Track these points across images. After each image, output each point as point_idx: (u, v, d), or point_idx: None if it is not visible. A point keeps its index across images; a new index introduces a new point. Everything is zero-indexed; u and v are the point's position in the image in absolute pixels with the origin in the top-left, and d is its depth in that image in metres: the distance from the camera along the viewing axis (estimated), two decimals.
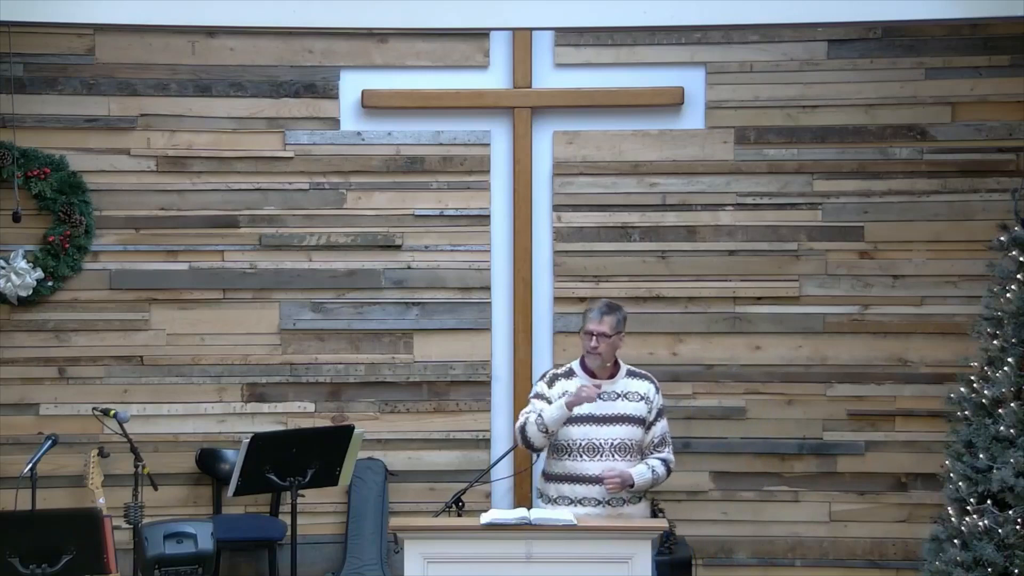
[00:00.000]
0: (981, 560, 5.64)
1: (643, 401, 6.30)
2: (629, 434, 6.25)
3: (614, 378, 6.32)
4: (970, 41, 7.50)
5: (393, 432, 7.66)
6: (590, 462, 6.22)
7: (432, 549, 5.85)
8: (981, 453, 5.78)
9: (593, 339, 6.26)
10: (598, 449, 6.23)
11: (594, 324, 6.26)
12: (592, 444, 6.23)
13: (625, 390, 6.30)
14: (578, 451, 6.24)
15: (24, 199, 7.39)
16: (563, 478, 6.27)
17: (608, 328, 6.25)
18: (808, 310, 7.59)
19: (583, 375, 6.33)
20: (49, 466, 7.18)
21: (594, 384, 6.21)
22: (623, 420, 6.25)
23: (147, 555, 6.57)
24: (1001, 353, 5.86)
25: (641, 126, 7.64)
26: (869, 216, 7.58)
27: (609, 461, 6.20)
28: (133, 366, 7.60)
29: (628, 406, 6.27)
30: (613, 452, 6.23)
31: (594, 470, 6.21)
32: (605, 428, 6.24)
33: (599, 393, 6.19)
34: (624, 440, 6.24)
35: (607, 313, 6.29)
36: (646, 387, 6.34)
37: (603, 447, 6.23)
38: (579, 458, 6.24)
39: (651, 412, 6.31)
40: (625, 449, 6.24)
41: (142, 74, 7.58)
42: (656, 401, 6.34)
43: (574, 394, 6.16)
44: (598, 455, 6.22)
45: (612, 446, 6.23)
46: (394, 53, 7.64)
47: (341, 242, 7.65)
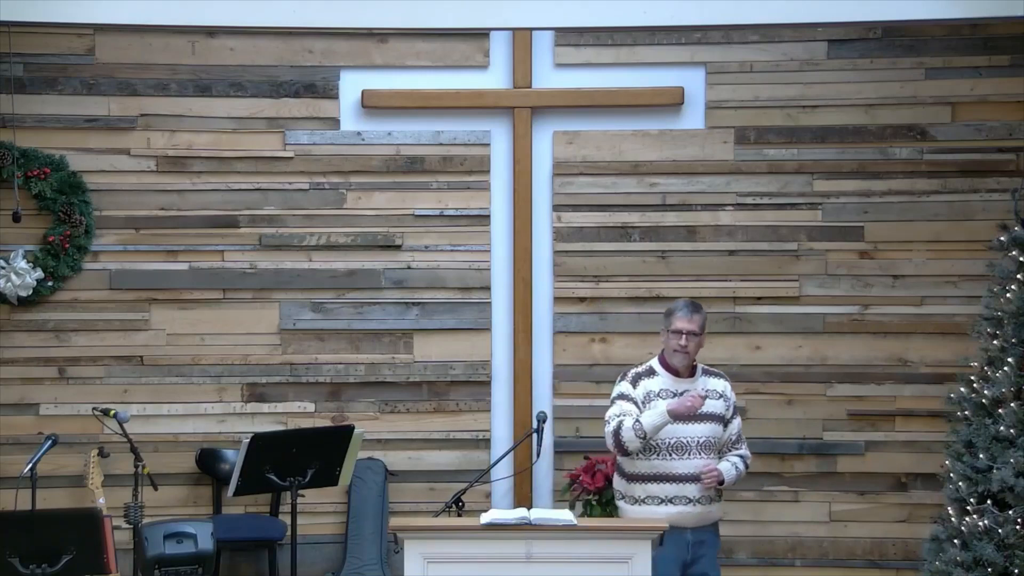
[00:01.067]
0: (981, 560, 5.64)
1: (722, 399, 6.33)
2: (713, 432, 6.26)
3: (694, 376, 6.34)
4: (970, 41, 7.50)
5: (393, 432, 7.67)
6: (679, 461, 6.21)
7: (432, 549, 5.85)
8: (981, 453, 5.78)
9: (683, 337, 6.25)
10: (685, 447, 6.21)
11: (684, 322, 6.27)
12: (680, 443, 6.21)
13: (705, 388, 6.30)
14: (666, 450, 6.21)
15: (24, 199, 7.39)
16: (651, 478, 6.25)
17: (697, 326, 6.28)
18: (808, 310, 7.59)
19: (665, 374, 6.32)
20: (49, 466, 7.18)
21: (698, 394, 6.17)
22: (707, 418, 6.24)
23: (147, 555, 6.57)
24: (1001, 353, 5.86)
25: (641, 126, 7.65)
26: (869, 216, 7.58)
27: (697, 460, 6.21)
28: (133, 366, 7.60)
29: (711, 404, 6.26)
30: (700, 450, 6.23)
31: (682, 469, 6.21)
32: (691, 426, 6.21)
33: (702, 402, 6.18)
34: (709, 438, 6.24)
35: (696, 311, 6.31)
36: (723, 385, 6.37)
37: (690, 445, 6.21)
38: (668, 457, 6.21)
39: (729, 409, 6.34)
40: (710, 447, 6.25)
41: (142, 74, 7.58)
42: (732, 397, 6.38)
43: (678, 403, 6.15)
44: (686, 454, 6.21)
45: (699, 444, 6.22)
46: (394, 53, 7.64)
47: (341, 242, 7.65)
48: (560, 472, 7.54)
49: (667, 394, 6.26)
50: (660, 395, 6.27)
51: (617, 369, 7.58)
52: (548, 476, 7.60)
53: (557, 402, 7.64)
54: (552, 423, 7.54)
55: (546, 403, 7.57)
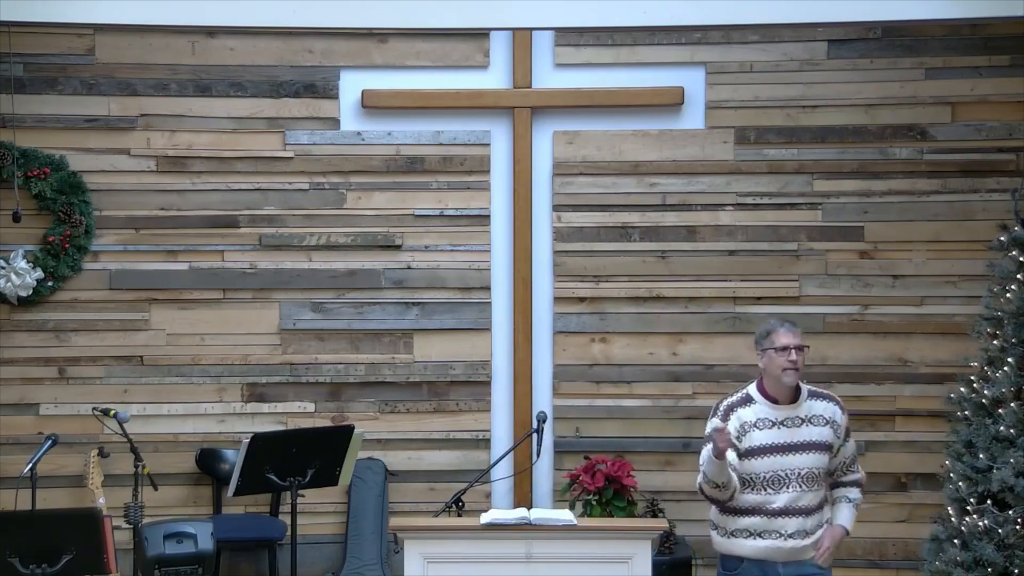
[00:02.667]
0: (981, 560, 5.63)
1: (828, 425, 5.81)
2: (816, 462, 5.75)
3: (796, 402, 5.82)
4: (970, 41, 7.50)
5: (393, 432, 7.66)
6: (776, 495, 5.73)
7: (432, 549, 5.85)
8: (981, 453, 5.78)
9: (792, 352, 5.75)
10: (784, 481, 5.73)
11: (788, 336, 5.78)
12: (777, 476, 5.74)
13: (809, 414, 5.80)
14: (762, 484, 5.74)
15: (24, 199, 7.39)
16: (744, 511, 5.77)
17: (801, 339, 5.82)
18: (808, 310, 7.58)
19: (763, 401, 5.82)
20: (49, 466, 7.18)
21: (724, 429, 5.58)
22: (809, 448, 5.75)
23: (147, 555, 6.57)
24: (1001, 353, 5.85)
25: (641, 126, 7.65)
26: (869, 216, 7.58)
27: (796, 493, 5.72)
28: (133, 366, 7.60)
29: (813, 432, 5.77)
30: (800, 483, 5.73)
31: (778, 503, 5.72)
32: (791, 457, 5.73)
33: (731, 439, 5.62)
34: (811, 469, 5.74)
35: (795, 325, 5.87)
36: (831, 410, 5.85)
37: (789, 478, 5.73)
38: (763, 491, 5.74)
39: (838, 436, 5.82)
40: (812, 479, 5.75)
41: (142, 74, 7.58)
42: (842, 423, 5.85)
43: (714, 443, 5.56)
44: (784, 487, 5.73)
45: (799, 476, 5.73)
46: (394, 53, 7.64)
47: (341, 242, 7.65)
48: (560, 472, 7.54)
49: (764, 424, 5.77)
50: (757, 425, 5.77)
51: (617, 369, 7.62)
52: (548, 476, 7.60)
53: (557, 402, 7.64)
54: (552, 423, 7.54)
55: (546, 403, 7.57)
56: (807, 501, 5.75)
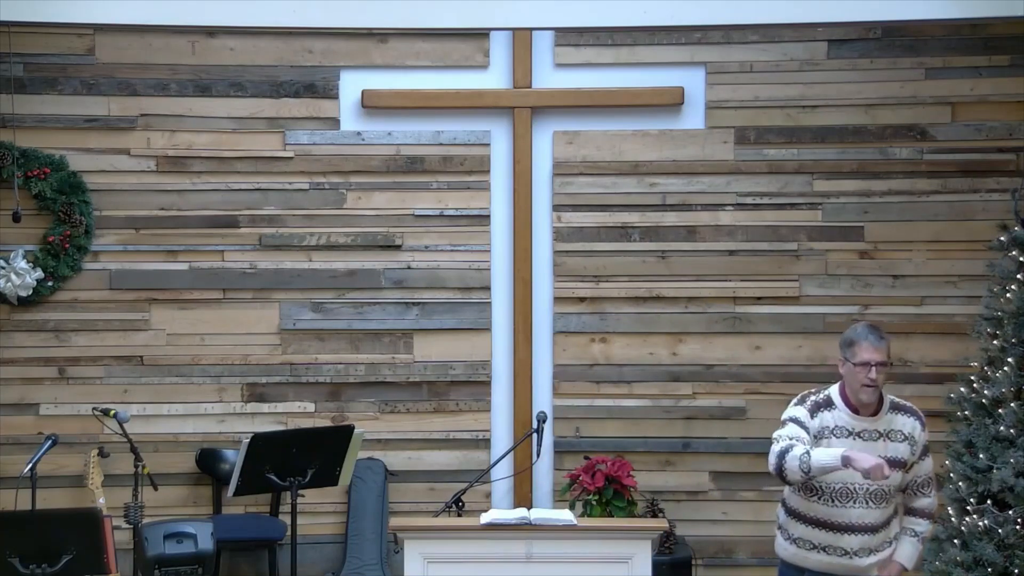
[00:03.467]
0: (981, 560, 5.62)
1: (906, 441, 5.62)
2: (889, 480, 5.54)
3: (877, 415, 5.61)
4: (970, 41, 7.50)
5: (393, 432, 7.66)
6: (842, 508, 5.58)
7: (432, 549, 5.85)
8: (981, 453, 5.77)
9: (872, 370, 5.49)
10: (852, 495, 5.58)
11: (871, 352, 5.51)
12: (847, 489, 5.58)
13: (888, 428, 5.61)
14: (830, 495, 5.59)
15: (24, 199, 7.39)
16: (809, 520, 5.65)
17: (886, 355, 5.56)
18: (808, 310, 7.58)
19: (844, 408, 5.60)
20: (49, 466, 7.18)
21: (884, 467, 5.33)
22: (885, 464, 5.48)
23: (147, 555, 6.56)
24: (1001, 353, 5.85)
25: (641, 126, 7.65)
26: (869, 216, 7.58)
27: (862, 509, 5.57)
28: (133, 366, 7.60)
29: (891, 448, 5.58)
30: (868, 499, 5.58)
31: (843, 518, 5.58)
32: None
33: (885, 477, 5.39)
34: (881, 487, 5.56)
35: (883, 337, 5.57)
36: (911, 425, 5.64)
37: (857, 493, 5.58)
38: (830, 503, 5.59)
39: (915, 453, 5.64)
40: (882, 496, 5.60)
41: (142, 74, 7.58)
42: (921, 439, 5.66)
43: (861, 459, 5.34)
44: (851, 501, 5.58)
45: (868, 493, 5.57)
46: (394, 53, 7.64)
47: (341, 242, 7.65)
48: (560, 472, 7.54)
49: (841, 432, 5.57)
50: (835, 432, 5.58)
51: (617, 369, 7.62)
52: (548, 476, 7.60)
53: (557, 402, 7.64)
54: (552, 423, 7.54)
55: (546, 403, 7.57)
56: (874, 519, 5.61)
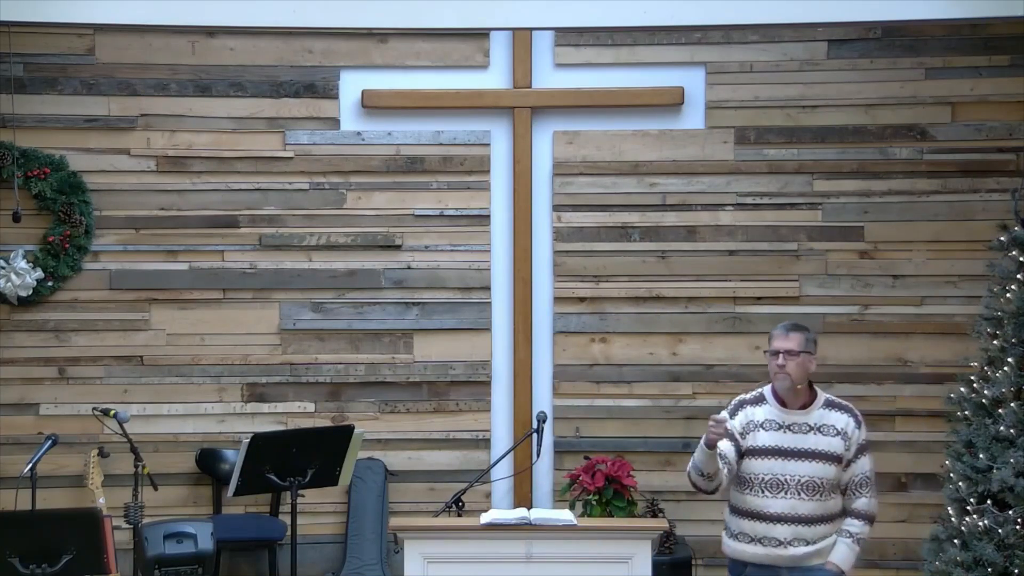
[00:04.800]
0: (981, 560, 5.63)
1: (839, 436, 5.73)
2: (819, 472, 5.70)
3: (808, 408, 5.79)
4: (970, 41, 7.50)
5: (393, 432, 7.67)
6: (772, 499, 5.71)
7: (432, 549, 5.85)
8: (981, 453, 5.78)
9: (780, 357, 5.74)
10: (782, 486, 5.71)
11: (780, 340, 5.77)
12: (776, 480, 5.72)
13: (820, 423, 5.76)
14: (760, 486, 5.74)
15: (24, 199, 7.40)
16: (744, 513, 5.79)
17: (796, 345, 5.74)
18: (808, 310, 7.58)
19: (774, 403, 5.81)
20: (49, 466, 7.18)
21: (720, 418, 5.59)
22: (813, 456, 5.71)
23: (147, 555, 6.57)
24: (1001, 353, 5.86)
25: (641, 126, 7.65)
26: (869, 216, 7.59)
27: (793, 500, 5.69)
28: (133, 366, 7.60)
29: (821, 441, 5.72)
30: (799, 490, 5.69)
31: (774, 508, 5.71)
32: (792, 463, 5.71)
33: (727, 431, 5.61)
34: (812, 478, 5.69)
35: (794, 330, 5.79)
36: (845, 421, 5.76)
37: (788, 484, 5.71)
38: (761, 494, 5.73)
39: (849, 449, 5.74)
40: (813, 488, 5.70)
41: (142, 74, 7.58)
42: (856, 437, 5.76)
43: (706, 434, 5.60)
44: (782, 492, 5.71)
45: (798, 484, 5.69)
46: (394, 53, 7.64)
47: (341, 242, 7.65)
48: (560, 472, 7.54)
49: (771, 425, 5.77)
50: (764, 426, 5.77)
51: (617, 369, 7.63)
52: (548, 476, 7.60)
53: (557, 402, 7.64)
54: (552, 423, 7.54)
55: (546, 403, 7.57)
56: (807, 510, 5.70)
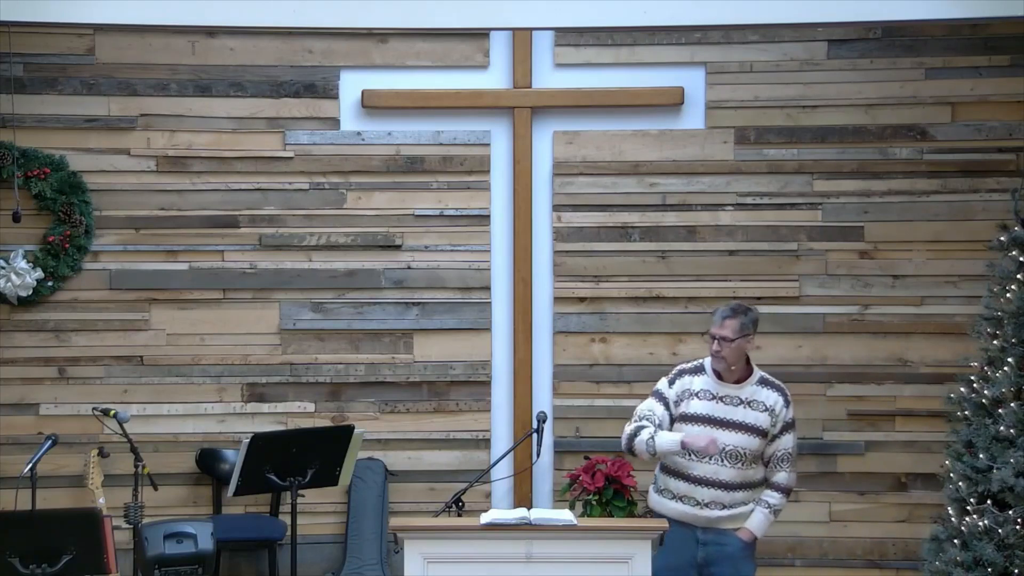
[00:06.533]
0: (981, 560, 5.64)
1: (767, 413, 6.15)
2: (744, 443, 6.12)
3: (742, 383, 6.19)
4: (970, 41, 7.50)
5: (393, 432, 7.67)
6: (697, 463, 6.12)
7: (432, 549, 5.85)
8: (981, 453, 5.79)
9: (715, 343, 6.14)
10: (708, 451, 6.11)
11: (715, 327, 6.16)
12: None
13: (751, 398, 6.17)
14: (690, 450, 6.12)
15: (24, 199, 7.39)
16: (671, 472, 6.22)
17: (730, 332, 6.11)
18: (808, 310, 7.59)
19: (711, 375, 6.22)
20: (49, 466, 7.18)
21: (715, 443, 6.03)
22: (740, 428, 6.13)
23: (147, 555, 6.57)
24: (1001, 353, 5.86)
25: (641, 126, 7.65)
26: (869, 216, 7.59)
27: (716, 466, 6.11)
28: (133, 366, 7.60)
29: (749, 415, 6.14)
30: (723, 458, 6.10)
31: (698, 471, 6.13)
32: (719, 432, 6.10)
33: (720, 449, 6.06)
34: (737, 448, 6.12)
35: (729, 316, 6.14)
36: (774, 399, 6.18)
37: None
38: (687, 457, 6.13)
39: (775, 425, 6.16)
40: (736, 457, 6.12)
41: (142, 74, 7.58)
42: (783, 415, 6.18)
43: (693, 439, 6.05)
44: (707, 457, 6.10)
45: (723, 451, 6.09)
46: (394, 53, 7.64)
47: (341, 242, 7.65)
48: (560, 472, 7.54)
49: (706, 395, 6.18)
50: (699, 395, 6.19)
51: (617, 369, 7.63)
52: (548, 476, 7.60)
53: (557, 402, 7.64)
54: (552, 423, 7.54)
55: (546, 403, 7.57)
56: (727, 476, 6.12)
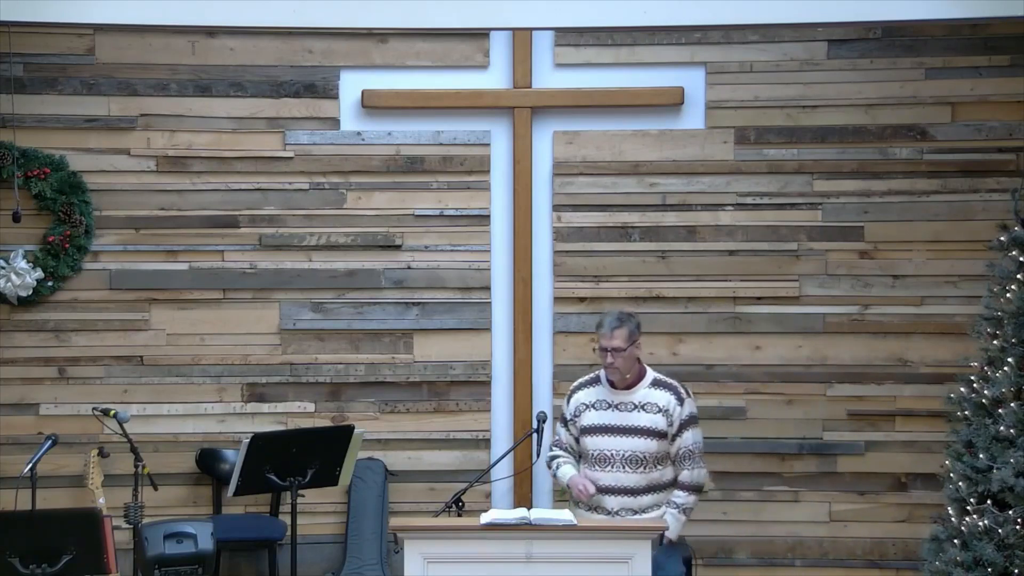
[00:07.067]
0: (981, 560, 5.64)
1: (661, 414, 6.26)
2: (642, 447, 6.23)
3: (633, 388, 6.30)
4: (970, 41, 7.50)
5: (393, 432, 7.67)
6: (601, 472, 6.26)
7: (432, 549, 5.85)
8: (981, 453, 5.78)
9: (608, 355, 6.23)
10: (609, 460, 6.26)
11: (606, 340, 6.24)
12: (604, 455, 6.29)
13: (644, 401, 6.28)
14: (592, 461, 6.30)
15: (24, 199, 7.39)
16: None
17: (621, 341, 6.20)
18: (808, 310, 7.59)
19: (606, 384, 6.34)
20: (49, 466, 7.18)
21: (587, 488, 6.24)
22: (637, 432, 6.24)
23: (147, 555, 6.56)
24: (1001, 353, 5.86)
25: (641, 126, 7.65)
26: (869, 216, 7.58)
27: (619, 473, 6.22)
28: (133, 366, 7.60)
29: (644, 418, 6.25)
30: (624, 464, 6.24)
31: (604, 480, 6.26)
32: (617, 439, 6.24)
33: (593, 492, 6.25)
34: (636, 453, 6.23)
35: (618, 327, 6.22)
36: (666, 399, 6.28)
37: (614, 458, 6.27)
38: (593, 468, 6.29)
39: (672, 425, 6.25)
40: (636, 461, 6.24)
41: (142, 74, 7.58)
42: (678, 413, 6.27)
43: (573, 484, 6.29)
44: (609, 466, 6.25)
45: (623, 458, 6.24)
46: (394, 53, 7.64)
47: (341, 242, 7.65)
48: None
49: (602, 405, 6.32)
50: (594, 406, 6.34)
51: None
52: (548, 476, 7.58)
53: (557, 402, 7.62)
54: (552, 423, 7.53)
55: (546, 403, 7.57)
56: (632, 482, 6.24)
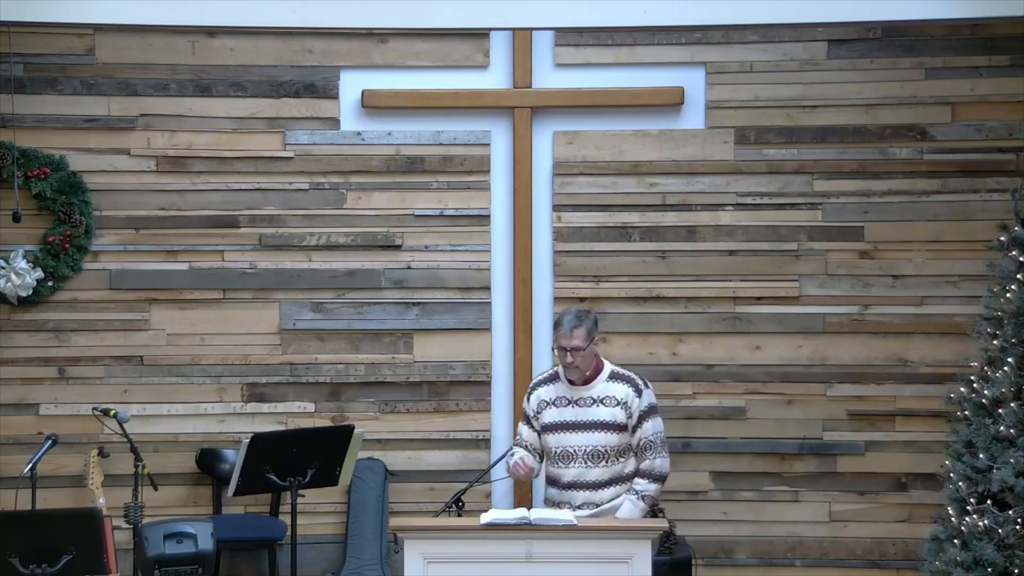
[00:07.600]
0: (981, 560, 5.64)
1: (620, 407, 6.23)
2: (603, 441, 6.22)
3: (591, 383, 6.27)
4: (970, 41, 7.50)
5: (393, 432, 7.67)
6: (565, 468, 6.26)
7: (432, 549, 5.85)
8: (981, 453, 5.78)
9: (568, 355, 6.20)
10: (571, 456, 6.24)
11: (566, 340, 6.20)
12: (566, 451, 6.26)
13: (602, 395, 6.26)
14: (555, 458, 6.29)
15: (24, 199, 7.39)
16: (549, 481, 6.36)
17: (581, 340, 6.19)
18: (808, 310, 7.59)
19: (564, 380, 6.31)
20: (49, 466, 7.18)
21: (524, 466, 6.24)
22: (596, 427, 6.23)
23: (147, 555, 6.56)
24: (1001, 353, 5.86)
25: (641, 126, 7.65)
26: (869, 216, 7.58)
27: (581, 468, 6.22)
28: (133, 366, 7.60)
29: (603, 412, 6.23)
30: (586, 459, 6.23)
31: (567, 476, 6.25)
32: (577, 435, 6.23)
33: (531, 471, 6.29)
34: (597, 447, 6.22)
35: (577, 326, 6.20)
36: (624, 392, 6.25)
37: (576, 454, 6.24)
38: (556, 464, 6.29)
39: (631, 416, 6.23)
40: (598, 456, 6.23)
41: (142, 74, 7.58)
42: (637, 405, 6.24)
43: (514, 463, 6.27)
44: (572, 461, 6.24)
45: (585, 453, 6.23)
46: (394, 53, 7.64)
47: (341, 242, 7.65)
48: None
49: (561, 401, 6.28)
50: (555, 403, 6.30)
51: None
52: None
53: None
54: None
55: None
56: (594, 476, 6.22)
